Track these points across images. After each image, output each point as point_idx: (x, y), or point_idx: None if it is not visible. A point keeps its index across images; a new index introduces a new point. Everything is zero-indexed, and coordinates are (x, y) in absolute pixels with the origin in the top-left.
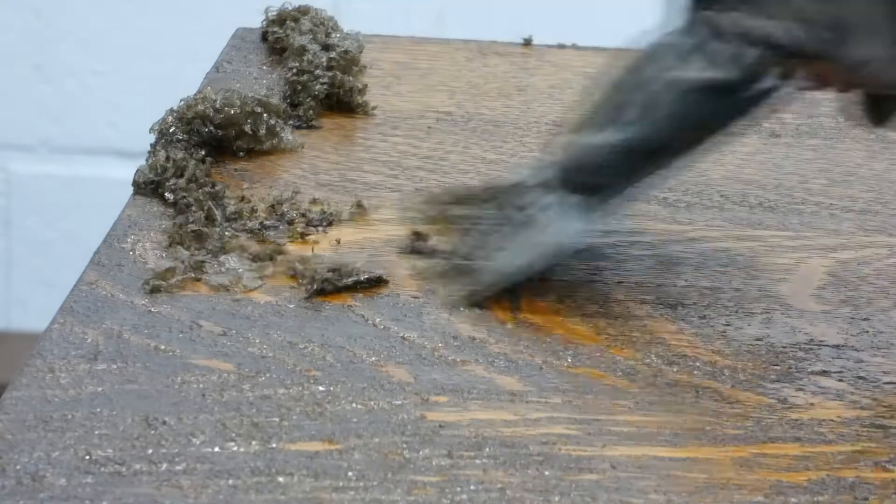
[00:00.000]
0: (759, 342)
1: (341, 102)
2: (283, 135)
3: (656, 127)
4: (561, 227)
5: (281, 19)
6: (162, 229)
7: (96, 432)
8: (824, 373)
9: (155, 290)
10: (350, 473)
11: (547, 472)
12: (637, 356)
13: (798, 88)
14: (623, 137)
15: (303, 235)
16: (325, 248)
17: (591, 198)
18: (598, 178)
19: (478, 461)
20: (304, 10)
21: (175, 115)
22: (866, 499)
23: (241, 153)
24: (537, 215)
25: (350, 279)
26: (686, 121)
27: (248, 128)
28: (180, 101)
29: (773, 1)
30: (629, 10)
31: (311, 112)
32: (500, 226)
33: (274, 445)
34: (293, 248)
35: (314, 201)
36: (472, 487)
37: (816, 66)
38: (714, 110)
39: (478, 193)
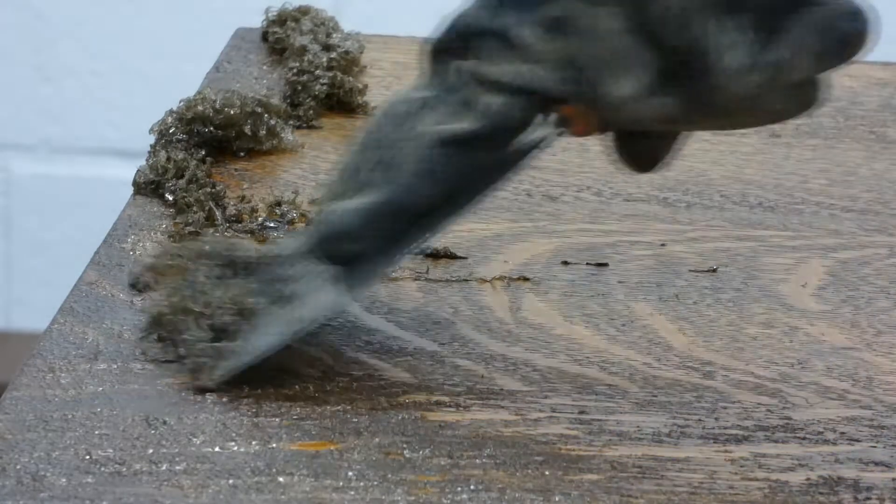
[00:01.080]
0: (759, 342)
1: (342, 103)
2: (283, 135)
3: (406, 187)
4: (316, 300)
5: (281, 19)
6: (162, 229)
7: (97, 432)
8: (824, 373)
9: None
10: (350, 473)
11: (547, 472)
12: (637, 356)
13: (557, 134)
14: (370, 201)
15: None
16: None
17: (349, 267)
18: (351, 246)
19: (478, 461)
20: (304, 11)
21: (175, 115)
22: (866, 499)
23: (242, 153)
24: (293, 289)
25: None
26: (436, 178)
27: (248, 128)
28: (180, 101)
29: (503, 45)
30: None
31: (311, 112)
32: (258, 301)
33: (274, 445)
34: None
35: (314, 201)
36: (472, 487)
37: (568, 108)
38: (466, 164)
39: (247, 264)
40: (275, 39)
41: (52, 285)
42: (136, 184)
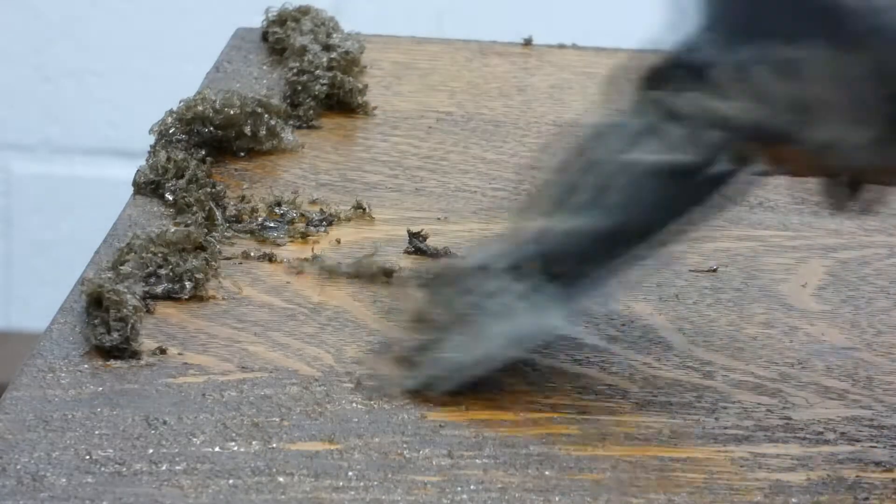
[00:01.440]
0: (759, 342)
1: (342, 103)
2: (283, 135)
3: (624, 212)
4: (537, 319)
5: (282, 19)
6: (162, 230)
7: (97, 432)
8: (824, 373)
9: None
10: (350, 473)
11: (547, 472)
12: (637, 356)
13: (760, 173)
14: (595, 223)
15: (303, 235)
16: (325, 248)
17: (564, 287)
18: (579, 267)
19: (478, 461)
20: (304, 11)
21: (175, 116)
22: (866, 499)
23: (242, 153)
24: (501, 303)
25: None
26: (642, 205)
27: (247, 129)
28: (179, 102)
29: (732, 80)
30: (629, 10)
31: (311, 112)
32: (465, 314)
33: (274, 445)
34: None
35: (314, 201)
36: (472, 487)
37: (778, 149)
38: (673, 194)
39: (448, 274)
40: (275, 39)
41: (52, 285)
42: (136, 184)
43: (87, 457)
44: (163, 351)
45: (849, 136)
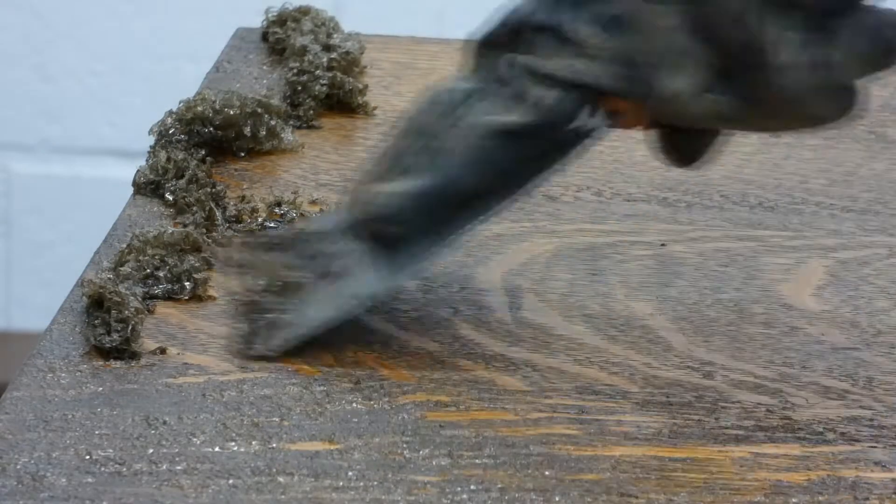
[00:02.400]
0: (759, 342)
1: (342, 103)
2: (283, 135)
3: (454, 174)
4: (362, 280)
5: (282, 20)
6: (161, 230)
7: (96, 432)
8: (824, 373)
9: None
10: (350, 473)
11: (547, 472)
12: (637, 356)
13: (606, 126)
14: (417, 185)
15: None
16: None
17: (393, 249)
18: (396, 229)
19: (478, 461)
20: (304, 11)
21: (174, 116)
22: (866, 499)
23: (242, 153)
24: (339, 265)
25: None
26: (488, 167)
27: (247, 129)
28: (179, 102)
29: (569, 40)
30: None
31: (311, 112)
32: (304, 276)
33: (274, 445)
34: None
35: (314, 201)
36: (472, 487)
37: (620, 103)
38: (518, 155)
39: (283, 240)
40: (275, 40)
41: (52, 285)
42: (136, 184)
43: (87, 457)
44: (163, 351)
45: (673, 84)
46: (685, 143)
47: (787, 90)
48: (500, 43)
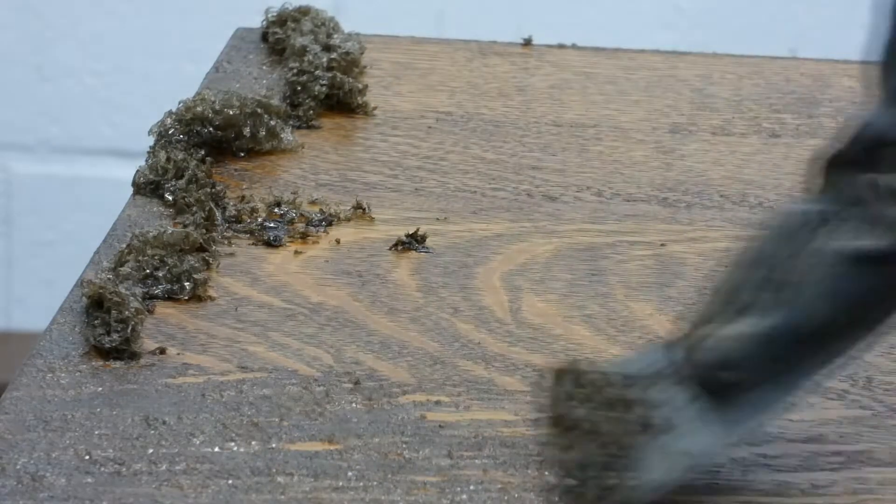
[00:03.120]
0: None
1: (341, 103)
2: (283, 135)
3: (799, 309)
4: (691, 435)
5: (282, 20)
6: (160, 231)
7: (96, 432)
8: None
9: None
10: (350, 473)
11: (547, 472)
12: None
13: None
14: (757, 326)
15: (303, 235)
16: (324, 248)
17: (727, 399)
18: (729, 375)
19: (478, 461)
20: (304, 11)
21: (174, 117)
22: (866, 499)
23: (242, 154)
24: (662, 415)
25: None
26: (839, 298)
27: (247, 130)
28: (179, 102)
29: None
30: (629, 10)
31: (311, 112)
32: (635, 431)
33: (274, 445)
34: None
35: (314, 201)
36: (471, 487)
37: None
38: (874, 283)
39: (605, 383)
40: (275, 40)
41: (52, 285)
42: (136, 184)
43: (87, 457)
44: (162, 351)
45: None
46: None
47: None
48: (853, 161)
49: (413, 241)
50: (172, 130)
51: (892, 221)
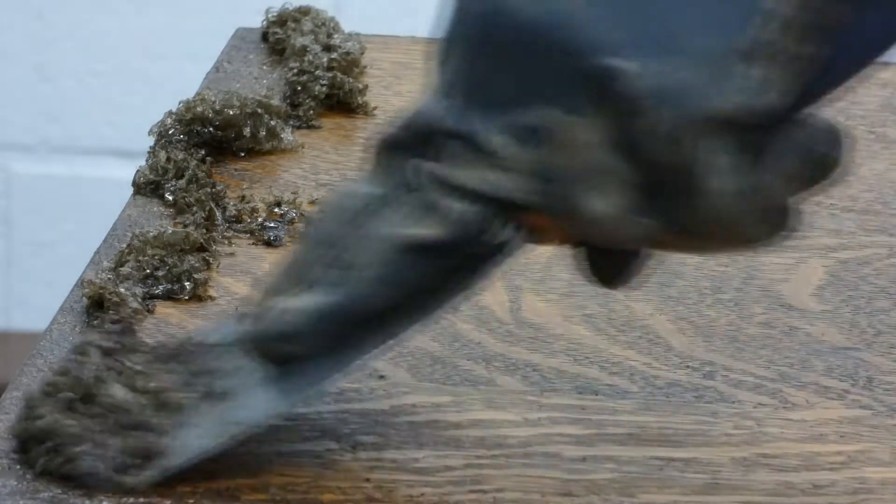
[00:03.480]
0: (759, 342)
1: (342, 103)
2: (283, 135)
3: (360, 289)
4: (252, 403)
5: (282, 20)
6: (160, 230)
7: None
8: (824, 373)
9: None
10: (350, 473)
11: (547, 472)
12: (637, 356)
13: (524, 241)
14: (320, 301)
15: None
16: None
17: (286, 369)
18: (291, 347)
19: (478, 461)
20: (305, 11)
21: (174, 117)
22: (866, 499)
23: (242, 154)
24: (225, 384)
25: None
26: (397, 282)
27: (247, 130)
28: (179, 103)
29: (480, 150)
30: None
31: (311, 112)
32: (186, 395)
33: (273, 446)
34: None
35: (314, 201)
36: (471, 487)
37: (538, 218)
38: (430, 269)
39: (173, 351)
40: (275, 40)
41: (52, 285)
42: (136, 184)
43: None
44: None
45: (595, 205)
46: (609, 262)
47: (714, 216)
48: (404, 145)
49: None
50: (172, 130)
51: (446, 212)
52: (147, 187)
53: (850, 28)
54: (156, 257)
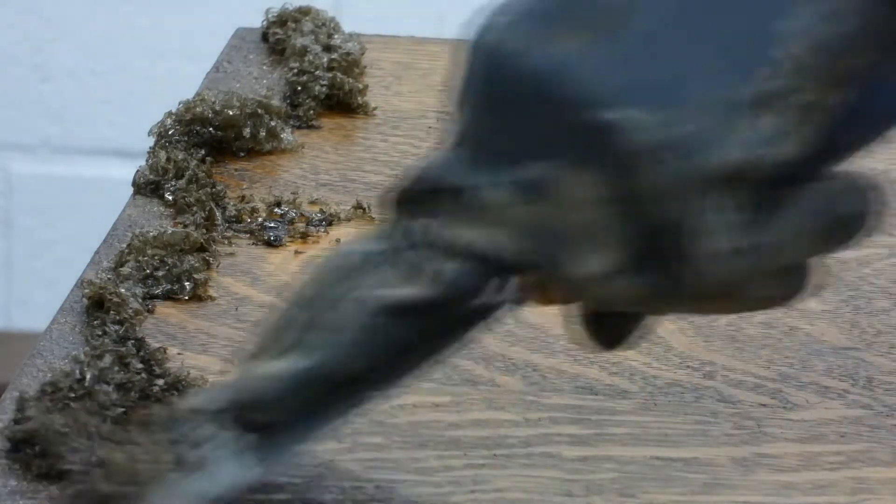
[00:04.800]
0: (759, 342)
1: (342, 103)
2: (283, 135)
3: (337, 354)
4: (222, 474)
5: (282, 20)
6: (160, 230)
7: None
8: (824, 373)
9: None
10: (350, 474)
11: (547, 472)
12: (637, 356)
13: (517, 301)
14: (293, 367)
15: (303, 235)
16: (325, 248)
17: (267, 437)
18: (262, 416)
19: (479, 461)
20: (305, 11)
21: (174, 117)
22: (866, 499)
23: (242, 154)
24: (199, 454)
25: None
26: (377, 346)
27: (247, 130)
28: (179, 103)
29: (480, 206)
30: None
31: (311, 112)
32: (161, 465)
33: None
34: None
35: (314, 201)
36: (472, 487)
37: (529, 279)
38: (412, 333)
39: (162, 419)
40: (275, 40)
41: (52, 285)
42: (136, 184)
43: None
44: (163, 351)
45: (581, 264)
46: (607, 325)
47: (706, 279)
48: (413, 199)
49: None
50: (172, 131)
51: (437, 271)
52: (147, 187)
53: (883, 74)
54: (156, 257)
